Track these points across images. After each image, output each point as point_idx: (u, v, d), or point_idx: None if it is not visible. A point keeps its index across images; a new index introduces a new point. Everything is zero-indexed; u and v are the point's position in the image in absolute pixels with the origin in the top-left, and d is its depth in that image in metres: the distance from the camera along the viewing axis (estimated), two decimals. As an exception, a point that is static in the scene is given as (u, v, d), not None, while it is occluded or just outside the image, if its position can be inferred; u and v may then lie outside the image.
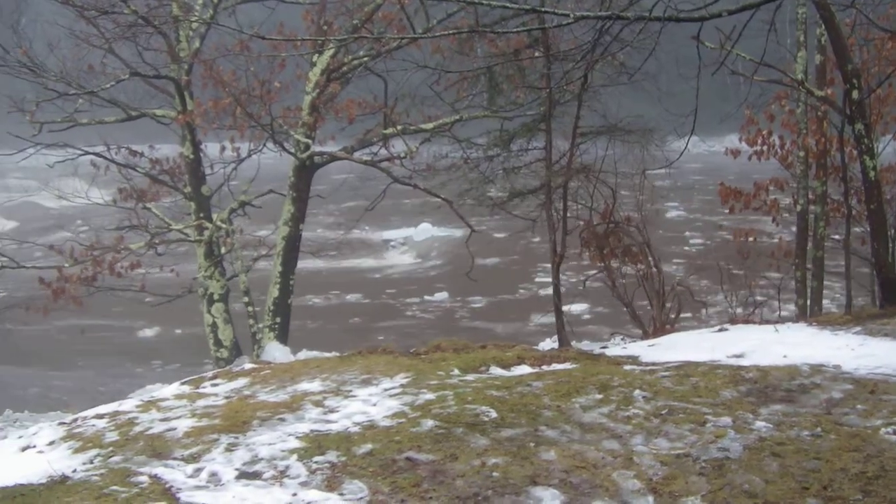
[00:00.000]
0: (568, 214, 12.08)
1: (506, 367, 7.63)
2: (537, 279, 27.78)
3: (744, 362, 7.27)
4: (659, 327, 11.86)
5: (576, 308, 24.39)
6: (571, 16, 6.20)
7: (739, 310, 13.49)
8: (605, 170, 12.19)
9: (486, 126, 14.40)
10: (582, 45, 8.69)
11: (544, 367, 7.60)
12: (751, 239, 14.08)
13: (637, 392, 6.45)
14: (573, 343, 11.94)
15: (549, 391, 6.58)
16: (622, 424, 5.87)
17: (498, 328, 23.01)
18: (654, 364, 7.53)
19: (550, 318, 12.00)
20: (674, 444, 5.51)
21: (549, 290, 25.97)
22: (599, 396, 6.42)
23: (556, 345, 12.20)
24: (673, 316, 12.36)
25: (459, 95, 14.77)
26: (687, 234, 32.88)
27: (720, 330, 9.11)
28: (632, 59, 10.92)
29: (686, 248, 30.15)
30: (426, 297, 27.16)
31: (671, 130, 10.47)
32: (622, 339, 12.35)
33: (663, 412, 6.04)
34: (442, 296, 27.18)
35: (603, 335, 17.61)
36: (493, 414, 6.04)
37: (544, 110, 12.08)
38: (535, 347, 9.79)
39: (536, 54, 12.51)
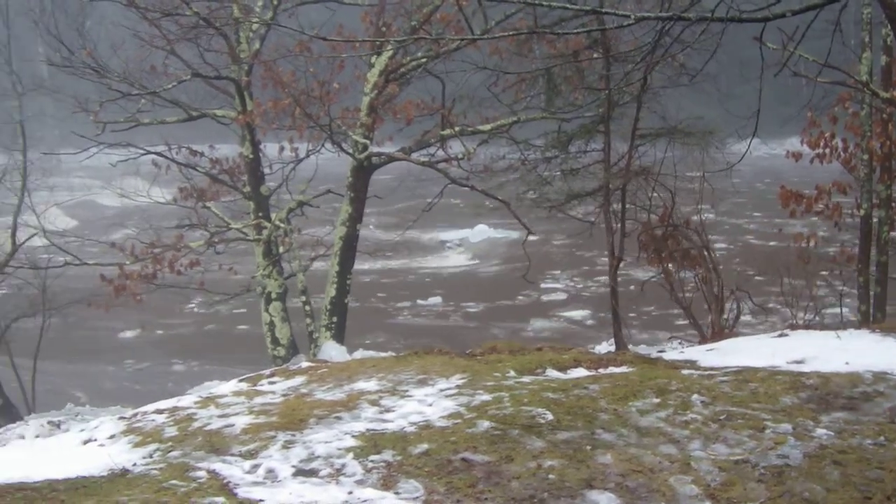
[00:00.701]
0: (626, 217, 12.01)
1: (562, 369, 7.59)
2: (542, 285, 27.38)
3: (804, 368, 7.15)
4: (717, 332, 11.72)
5: (577, 314, 24.23)
6: (632, 17, 6.14)
7: (770, 317, 13.23)
8: (664, 172, 12.10)
9: (544, 127, 14.37)
10: (642, 46, 8.62)
11: (601, 371, 7.55)
12: (812, 244, 13.80)
13: (695, 397, 6.38)
14: (630, 346, 11.86)
15: (606, 394, 6.53)
16: (680, 429, 5.81)
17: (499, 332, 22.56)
18: (712, 369, 7.43)
19: (547, 323, 11.89)
20: (732, 450, 5.45)
21: (552, 297, 26.12)
22: (657, 400, 6.36)
23: (612, 348, 12.14)
24: (731, 319, 12.20)
25: (517, 97, 14.75)
26: (711, 237, 32.19)
27: (780, 335, 8.96)
28: (692, 60, 10.83)
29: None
30: (418, 301, 26.83)
31: (732, 132, 10.33)
32: (679, 343, 12.25)
33: (721, 417, 5.97)
34: (436, 300, 26.82)
35: (602, 339, 17.42)
36: (550, 416, 6.02)
37: (603, 112, 12.03)
38: (592, 350, 9.74)
39: (595, 55, 12.46)
